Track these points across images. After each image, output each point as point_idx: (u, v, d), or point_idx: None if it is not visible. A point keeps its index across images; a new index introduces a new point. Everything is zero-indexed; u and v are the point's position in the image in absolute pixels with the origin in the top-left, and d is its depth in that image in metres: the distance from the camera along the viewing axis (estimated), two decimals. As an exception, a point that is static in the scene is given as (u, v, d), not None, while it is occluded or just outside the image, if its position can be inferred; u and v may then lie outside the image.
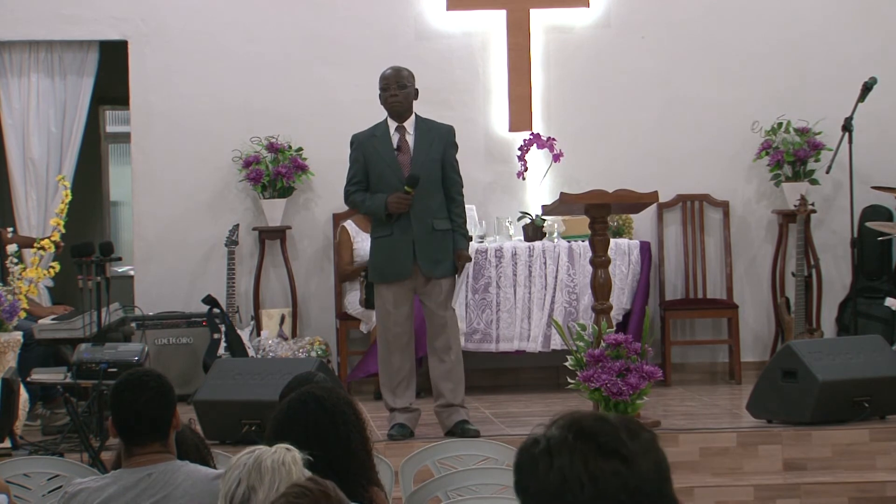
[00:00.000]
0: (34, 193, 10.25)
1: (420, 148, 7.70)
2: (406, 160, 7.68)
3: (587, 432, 1.95)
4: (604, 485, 1.92)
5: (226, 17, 10.31)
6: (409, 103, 7.78)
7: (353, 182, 7.79)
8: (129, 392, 4.14)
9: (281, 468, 3.39)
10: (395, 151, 7.69)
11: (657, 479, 1.96)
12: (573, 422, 1.97)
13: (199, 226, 10.24)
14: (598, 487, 1.92)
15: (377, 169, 7.70)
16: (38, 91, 10.28)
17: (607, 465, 1.93)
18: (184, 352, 9.71)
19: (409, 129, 7.75)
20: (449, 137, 7.80)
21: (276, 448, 3.46)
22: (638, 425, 2.00)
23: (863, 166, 9.83)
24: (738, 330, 10.13)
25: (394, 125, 7.76)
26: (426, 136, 7.73)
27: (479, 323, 9.58)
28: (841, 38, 10.43)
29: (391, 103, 7.73)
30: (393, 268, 7.66)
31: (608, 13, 10.39)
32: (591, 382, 7.40)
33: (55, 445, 7.47)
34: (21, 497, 5.64)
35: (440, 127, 7.84)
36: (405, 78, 7.79)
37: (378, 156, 7.70)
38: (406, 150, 7.71)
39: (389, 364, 7.70)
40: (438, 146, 7.72)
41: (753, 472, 7.44)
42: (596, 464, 1.93)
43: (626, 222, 10.08)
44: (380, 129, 7.79)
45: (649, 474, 1.95)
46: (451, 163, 7.76)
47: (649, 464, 1.96)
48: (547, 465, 1.94)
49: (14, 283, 8.16)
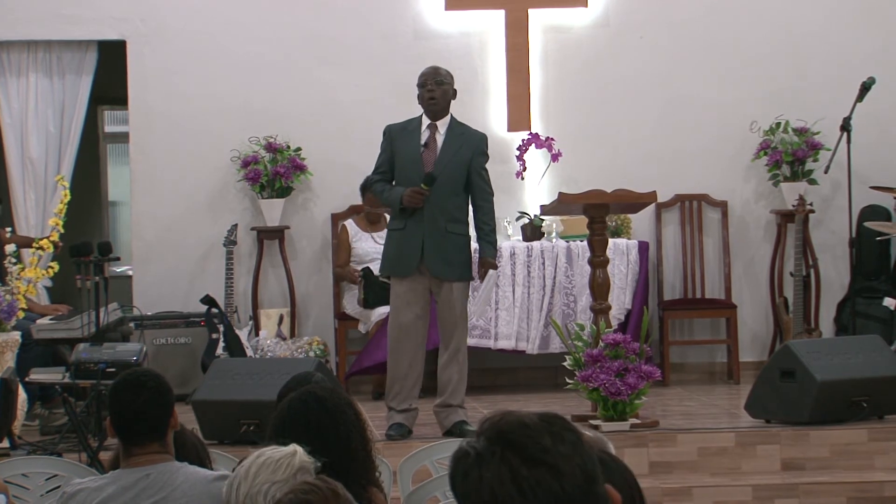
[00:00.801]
0: (33, 193, 10.25)
1: (447, 149, 7.68)
2: (431, 158, 7.66)
3: (512, 442, 1.98)
4: (532, 495, 1.95)
5: (224, 17, 10.31)
6: (447, 102, 7.77)
7: (378, 171, 7.79)
8: (127, 392, 4.14)
9: (271, 465, 3.40)
10: (421, 147, 7.68)
11: (584, 481, 1.98)
12: (499, 431, 2.00)
13: (198, 226, 10.24)
14: (526, 499, 1.95)
15: (401, 162, 7.71)
16: (36, 91, 10.28)
17: (534, 474, 1.96)
18: (182, 352, 9.71)
19: (440, 128, 7.73)
20: (480, 146, 7.79)
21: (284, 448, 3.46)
22: (563, 427, 2.01)
23: (861, 166, 9.83)
24: (736, 330, 10.13)
25: (426, 122, 7.75)
26: (456, 139, 7.72)
27: (478, 319, 9.57)
28: (839, 38, 10.43)
29: (427, 100, 7.73)
30: (399, 262, 7.67)
31: (606, 13, 10.39)
32: (590, 382, 7.41)
33: (53, 445, 7.46)
34: (19, 497, 5.64)
35: (473, 134, 7.83)
36: (443, 75, 7.80)
37: (405, 150, 7.70)
38: (433, 148, 7.69)
39: (396, 362, 7.69)
40: (466, 151, 7.70)
41: (752, 471, 7.43)
42: (521, 474, 1.96)
43: (625, 222, 10.08)
44: (412, 124, 7.79)
45: (576, 479, 1.97)
46: (479, 171, 7.74)
47: (575, 468, 1.98)
48: (477, 478, 1.98)
49: (12, 282, 8.16)
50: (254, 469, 3.40)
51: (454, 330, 7.68)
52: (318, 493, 3.02)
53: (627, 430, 7.44)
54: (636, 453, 7.36)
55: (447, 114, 7.78)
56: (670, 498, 7.12)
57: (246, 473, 3.40)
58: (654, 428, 7.63)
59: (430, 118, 7.74)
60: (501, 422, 2.01)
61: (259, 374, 7.61)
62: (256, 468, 3.40)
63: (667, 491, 7.15)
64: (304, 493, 3.02)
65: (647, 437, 7.49)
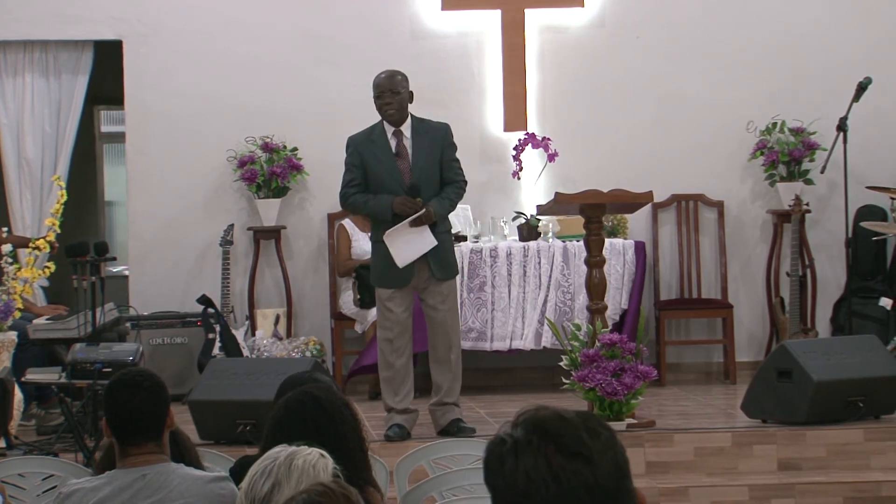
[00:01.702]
0: (29, 193, 10.24)
1: (418, 153, 7.64)
2: (405, 166, 7.63)
3: (550, 433, 2.05)
4: (567, 483, 2.02)
5: (221, 17, 10.30)
6: (405, 109, 7.69)
7: (351, 185, 7.69)
8: (122, 392, 4.13)
9: (311, 470, 3.38)
10: (394, 157, 7.64)
11: (617, 475, 2.06)
12: (537, 422, 2.07)
13: (194, 226, 10.24)
14: (561, 486, 2.02)
15: (376, 174, 7.63)
16: (32, 91, 10.27)
17: (570, 464, 2.03)
18: (178, 352, 9.71)
19: (406, 133, 7.68)
20: (446, 138, 7.74)
21: (311, 451, 3.45)
22: (598, 423, 2.09)
23: (857, 166, 9.84)
24: (732, 330, 10.13)
25: (391, 130, 7.69)
26: (423, 140, 7.67)
27: (474, 322, 9.58)
28: (836, 38, 10.43)
29: (386, 112, 7.66)
30: (392, 274, 7.63)
31: (603, 13, 10.39)
32: (586, 382, 7.41)
33: (50, 445, 7.47)
34: (16, 497, 5.64)
35: (436, 128, 7.76)
36: (399, 83, 7.68)
37: (377, 161, 7.62)
38: (405, 155, 7.65)
39: (391, 364, 7.69)
40: (436, 149, 7.67)
41: (748, 471, 7.44)
42: (559, 464, 2.03)
43: (621, 222, 10.08)
44: (377, 133, 7.70)
45: (609, 471, 2.05)
46: (450, 163, 7.71)
47: (609, 462, 2.05)
48: (513, 465, 2.04)
49: (8, 283, 8.15)
50: (295, 474, 3.37)
51: (449, 327, 7.70)
52: (331, 496, 3.01)
53: (624, 430, 7.44)
54: (633, 453, 7.25)
55: (408, 116, 7.72)
56: (667, 498, 7.12)
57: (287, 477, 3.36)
58: (650, 428, 7.63)
59: (393, 126, 7.69)
60: (539, 413, 2.09)
61: (255, 374, 7.61)
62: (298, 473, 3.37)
63: (663, 491, 7.15)
64: (318, 494, 3.01)
65: (644, 437, 7.49)
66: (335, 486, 3.06)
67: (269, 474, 3.38)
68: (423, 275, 7.62)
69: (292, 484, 3.35)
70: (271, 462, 3.41)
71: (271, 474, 3.38)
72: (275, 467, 3.39)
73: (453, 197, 7.70)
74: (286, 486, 3.35)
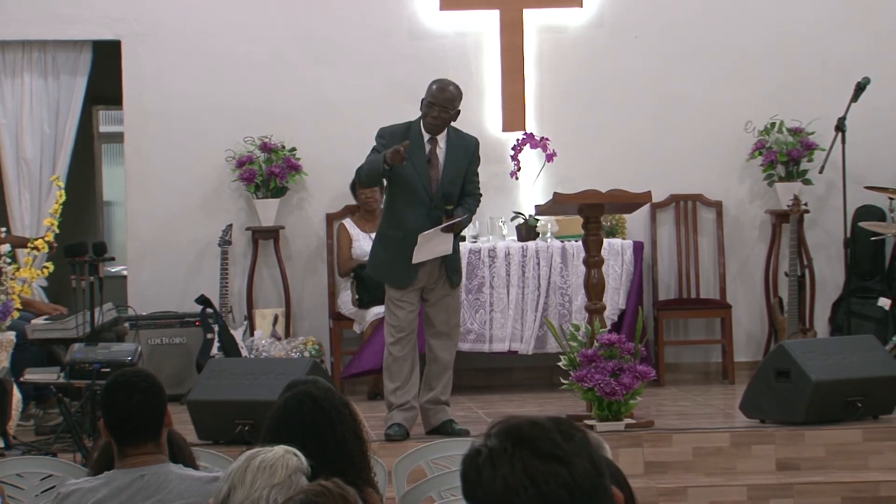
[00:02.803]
0: (27, 193, 10.24)
1: (449, 163, 7.67)
2: (435, 174, 7.65)
3: (524, 439, 2.08)
4: (545, 486, 2.04)
5: (219, 17, 10.30)
6: (446, 125, 7.70)
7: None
8: (119, 393, 4.14)
9: (267, 469, 3.39)
10: (426, 162, 7.65)
11: (593, 474, 2.08)
12: (510, 430, 2.10)
13: (193, 226, 10.24)
14: (539, 489, 2.04)
15: (405, 174, 7.60)
16: (31, 91, 10.27)
17: (546, 467, 2.05)
18: (177, 352, 9.71)
19: (441, 143, 7.69)
20: (475, 152, 7.82)
21: (275, 449, 3.46)
22: (570, 426, 2.12)
23: (856, 166, 9.84)
24: (731, 330, 10.13)
25: (427, 136, 7.69)
26: (455, 152, 7.70)
27: (472, 323, 9.58)
28: (834, 38, 10.44)
29: (430, 123, 7.65)
30: (394, 272, 7.66)
31: (601, 13, 10.40)
32: (585, 382, 7.41)
33: (48, 445, 7.47)
34: (14, 497, 5.64)
35: (468, 141, 7.81)
36: (452, 103, 7.64)
37: (409, 162, 7.57)
38: (435, 163, 7.66)
39: (395, 359, 7.70)
40: (464, 161, 7.72)
41: (747, 472, 7.44)
42: (535, 467, 2.05)
43: (620, 222, 10.08)
44: (413, 134, 7.67)
45: (585, 471, 2.07)
46: (472, 177, 7.77)
47: (584, 462, 2.08)
48: (490, 474, 2.06)
49: (7, 283, 8.15)
50: (250, 475, 3.38)
51: (453, 328, 7.75)
52: (328, 496, 3.01)
53: (622, 430, 7.44)
54: (631, 453, 7.36)
55: (445, 128, 7.73)
56: (665, 498, 7.12)
57: (241, 479, 3.38)
58: (649, 428, 7.63)
59: (429, 133, 7.69)
60: (511, 422, 2.12)
61: (254, 374, 7.61)
62: (253, 473, 3.38)
63: (662, 491, 7.15)
64: (315, 495, 3.01)
65: (642, 438, 7.49)
66: (332, 486, 3.05)
67: (228, 478, 3.40)
68: (433, 278, 7.64)
69: (246, 485, 3.36)
70: (234, 465, 3.42)
71: (229, 478, 3.40)
72: (233, 471, 3.40)
73: (473, 209, 7.83)
74: (240, 488, 3.37)
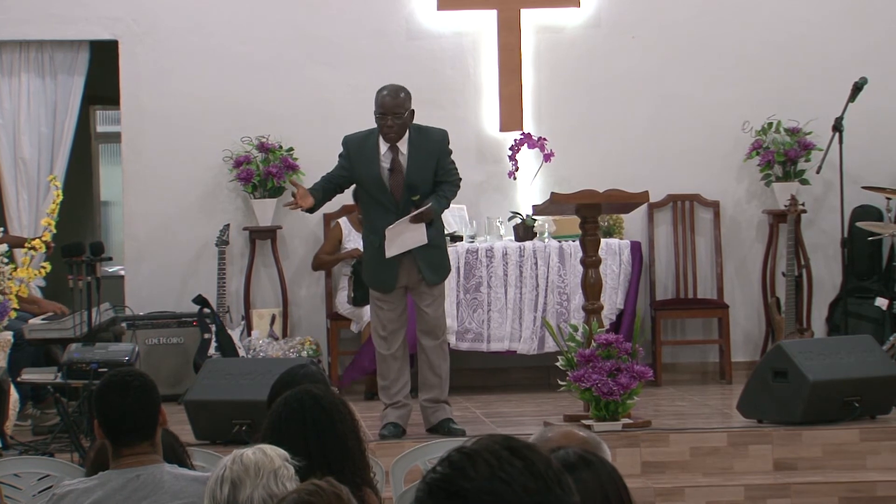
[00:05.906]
0: (25, 193, 10.23)
1: (413, 169, 7.58)
2: (398, 182, 7.57)
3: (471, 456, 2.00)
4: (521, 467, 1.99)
5: (217, 17, 10.30)
6: (405, 129, 7.59)
7: (329, 174, 7.75)
8: (113, 393, 4.13)
9: (263, 459, 3.39)
10: (387, 172, 7.59)
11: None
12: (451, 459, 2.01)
13: (190, 226, 10.23)
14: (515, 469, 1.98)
15: (365, 184, 7.66)
16: (28, 91, 10.26)
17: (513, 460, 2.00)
18: (174, 352, 9.71)
19: (402, 148, 7.61)
20: (442, 147, 7.67)
21: (255, 447, 3.46)
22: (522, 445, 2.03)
23: (853, 166, 9.85)
24: (728, 330, 10.14)
25: (386, 145, 7.61)
26: (420, 153, 7.60)
27: (470, 323, 9.58)
28: (831, 39, 10.44)
29: (387, 134, 7.57)
30: (378, 277, 7.69)
31: (599, 13, 10.40)
32: (582, 382, 7.41)
33: (45, 445, 7.46)
34: (11, 497, 5.64)
35: (433, 137, 7.68)
36: (401, 105, 7.52)
37: (365, 172, 7.59)
38: (398, 170, 7.58)
39: (383, 357, 7.72)
40: (431, 160, 7.62)
41: (744, 471, 7.44)
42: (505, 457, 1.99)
43: (617, 222, 10.08)
44: (370, 142, 7.62)
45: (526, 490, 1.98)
46: (445, 171, 7.67)
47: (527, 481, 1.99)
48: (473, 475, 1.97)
49: (4, 283, 8.14)
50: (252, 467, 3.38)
51: (439, 325, 7.75)
52: (321, 495, 3.01)
53: (619, 430, 7.44)
54: (628, 453, 7.36)
55: (406, 133, 7.63)
56: (662, 498, 7.12)
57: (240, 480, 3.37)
58: (646, 428, 7.63)
59: (389, 142, 7.61)
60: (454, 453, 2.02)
61: (251, 374, 7.61)
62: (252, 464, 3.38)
63: (659, 491, 7.15)
64: (309, 493, 3.01)
65: (640, 437, 7.49)
66: (325, 485, 3.05)
67: (225, 479, 3.39)
68: (414, 277, 7.65)
69: (251, 477, 3.36)
70: (223, 470, 3.41)
71: (227, 478, 3.39)
72: (226, 470, 3.40)
73: (449, 195, 7.71)
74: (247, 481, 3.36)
